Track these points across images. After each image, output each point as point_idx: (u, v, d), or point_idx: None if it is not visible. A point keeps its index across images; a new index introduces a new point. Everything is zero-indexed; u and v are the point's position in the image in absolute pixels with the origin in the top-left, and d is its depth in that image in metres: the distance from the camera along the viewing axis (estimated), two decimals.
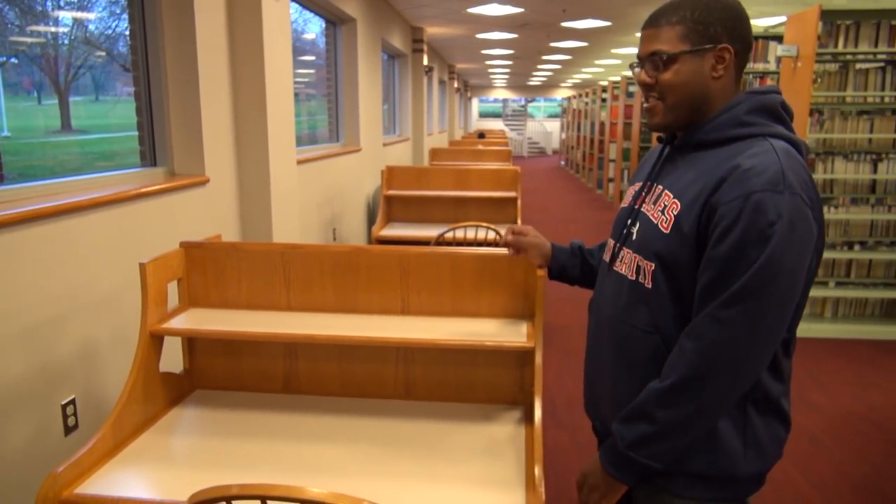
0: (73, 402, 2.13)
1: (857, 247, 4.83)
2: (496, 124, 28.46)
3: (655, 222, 1.24)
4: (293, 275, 1.91)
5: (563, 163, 21.23)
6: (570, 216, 10.28)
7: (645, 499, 1.32)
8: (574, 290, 5.78)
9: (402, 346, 1.86)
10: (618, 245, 1.34)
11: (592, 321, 1.44)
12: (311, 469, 1.54)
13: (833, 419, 3.38)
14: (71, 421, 2.13)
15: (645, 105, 1.29)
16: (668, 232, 1.21)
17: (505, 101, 29.46)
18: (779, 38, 5.42)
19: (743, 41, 1.23)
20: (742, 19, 1.22)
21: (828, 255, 4.75)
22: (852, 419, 3.38)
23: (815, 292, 4.80)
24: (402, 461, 1.57)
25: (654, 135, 1.43)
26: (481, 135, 13.89)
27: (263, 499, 1.19)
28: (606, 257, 1.40)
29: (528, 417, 1.78)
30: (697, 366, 1.14)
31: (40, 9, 2.71)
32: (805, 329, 4.75)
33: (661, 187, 1.27)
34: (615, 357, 1.32)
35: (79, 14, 2.87)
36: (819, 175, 4.73)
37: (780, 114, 1.23)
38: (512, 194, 5.06)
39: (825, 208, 4.74)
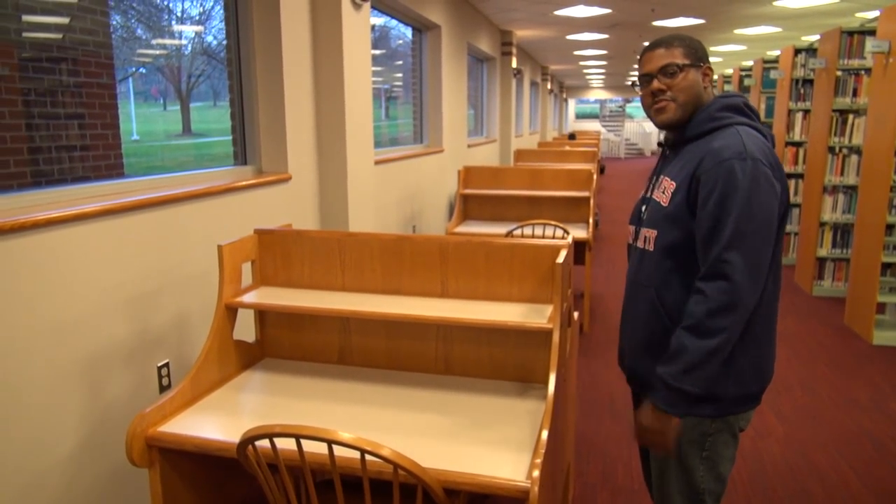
0: (167, 364, 2.49)
1: None
2: (593, 125, 28.06)
3: (658, 201, 1.63)
4: (348, 259, 2.16)
5: None
6: None
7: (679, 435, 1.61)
8: None
9: (441, 325, 2.07)
10: (636, 227, 1.71)
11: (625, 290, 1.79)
12: (354, 425, 1.77)
13: None
14: (165, 381, 2.48)
15: (656, 107, 1.63)
16: (667, 205, 1.58)
17: (602, 101, 28.99)
18: (874, 33, 5.17)
19: (711, 67, 1.66)
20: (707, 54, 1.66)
21: None
22: None
23: None
24: (434, 424, 1.77)
25: None
26: (572, 136, 13.85)
27: (299, 437, 1.44)
28: (630, 240, 1.76)
29: None
30: (715, 299, 1.44)
31: (165, 24, 3.12)
32: (894, 337, 4.53)
33: (661, 177, 1.67)
34: (629, 312, 1.73)
35: (198, 27, 3.27)
36: None
37: (743, 110, 1.60)
38: (585, 194, 5.14)
39: None
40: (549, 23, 9.18)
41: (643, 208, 1.70)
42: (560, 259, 1.84)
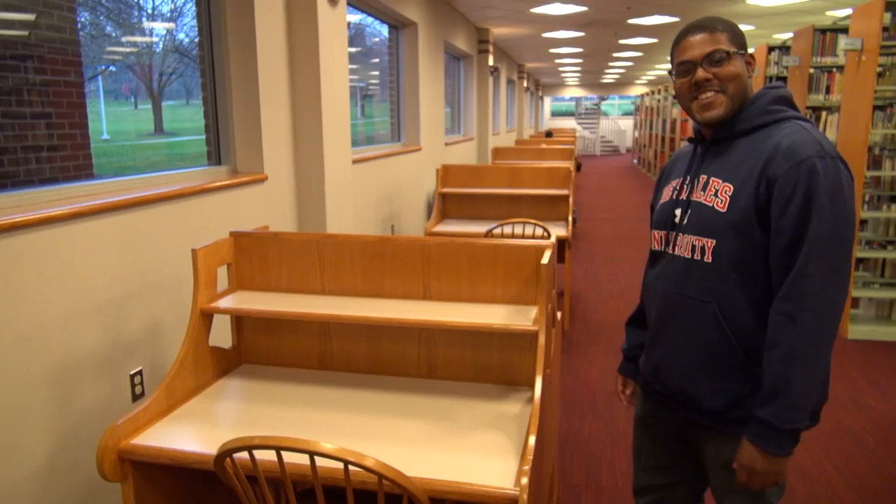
0: (140, 372, 2.41)
1: None
2: (568, 123, 28.20)
3: (710, 205, 1.43)
4: (327, 262, 2.11)
5: (635, 161, 20.85)
6: (633, 215, 10.17)
7: (715, 451, 1.51)
8: (630, 291, 5.74)
9: (423, 328, 2.02)
10: (672, 233, 1.52)
11: (654, 301, 1.60)
12: (335, 433, 1.72)
13: (883, 422, 3.29)
14: (138, 389, 2.40)
15: (702, 100, 1.46)
16: (725, 210, 1.40)
17: (578, 99, 29.14)
18: (846, 31, 5.23)
19: None
20: None
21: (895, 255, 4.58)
22: None
23: (883, 294, 4.63)
24: (417, 430, 1.73)
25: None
26: (549, 133, 13.88)
27: (279, 449, 1.38)
28: (657, 246, 1.58)
29: None
30: (807, 320, 1.30)
31: (135, 21, 3.03)
32: (869, 331, 4.59)
33: (705, 177, 1.47)
34: (672, 326, 1.52)
35: (169, 24, 3.18)
36: (887, 172, 4.56)
37: (793, 103, 1.47)
38: (564, 192, 5.14)
39: (895, 207, 4.56)
40: (525, 20, 9.18)
41: (677, 212, 1.51)
42: (545, 260, 1.81)
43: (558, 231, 4.58)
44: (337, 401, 1.93)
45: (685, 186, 1.51)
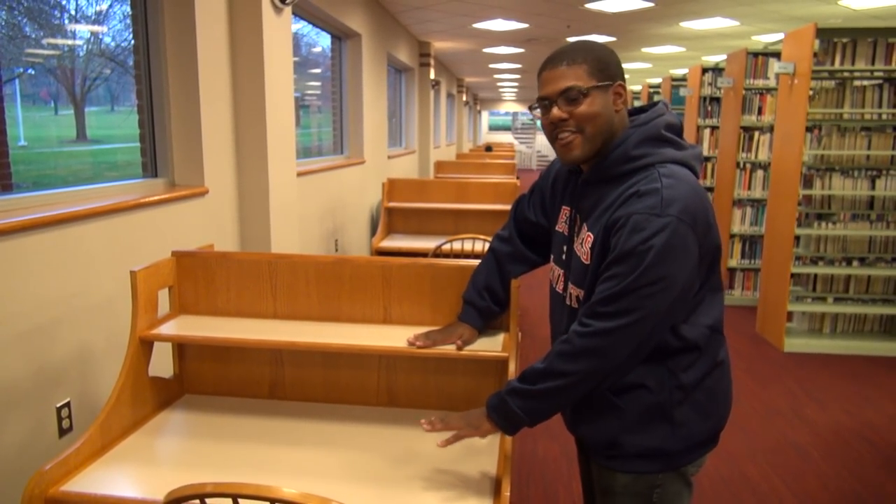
0: (67, 404, 2.20)
1: (855, 263, 4.84)
2: (506, 137, 28.57)
3: (580, 256, 1.41)
4: (280, 284, 1.97)
5: None
6: None
7: (598, 476, 1.51)
8: None
9: (384, 355, 1.92)
10: (562, 272, 1.50)
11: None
12: (291, 472, 1.59)
13: (825, 435, 3.38)
14: (65, 423, 2.19)
15: (560, 142, 1.38)
16: (588, 262, 1.38)
17: (514, 114, 29.59)
18: (778, 55, 5.46)
19: (624, 81, 1.39)
20: (621, 65, 1.40)
21: (826, 270, 4.76)
22: (845, 435, 3.38)
23: (814, 308, 4.81)
24: (380, 467, 1.62)
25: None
26: (488, 147, 13.98)
27: (235, 497, 1.25)
28: (552, 277, 1.56)
29: None
30: (577, 345, 1.32)
31: (57, 22, 2.81)
32: (803, 344, 4.76)
33: (579, 219, 1.44)
34: None
35: (94, 27, 2.97)
36: (817, 191, 4.75)
37: (665, 137, 1.37)
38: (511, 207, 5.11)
39: (824, 224, 4.76)
40: (467, 35, 9.20)
41: (564, 250, 1.49)
42: (515, 282, 1.74)
43: None
44: (291, 434, 1.79)
45: (569, 222, 1.48)
